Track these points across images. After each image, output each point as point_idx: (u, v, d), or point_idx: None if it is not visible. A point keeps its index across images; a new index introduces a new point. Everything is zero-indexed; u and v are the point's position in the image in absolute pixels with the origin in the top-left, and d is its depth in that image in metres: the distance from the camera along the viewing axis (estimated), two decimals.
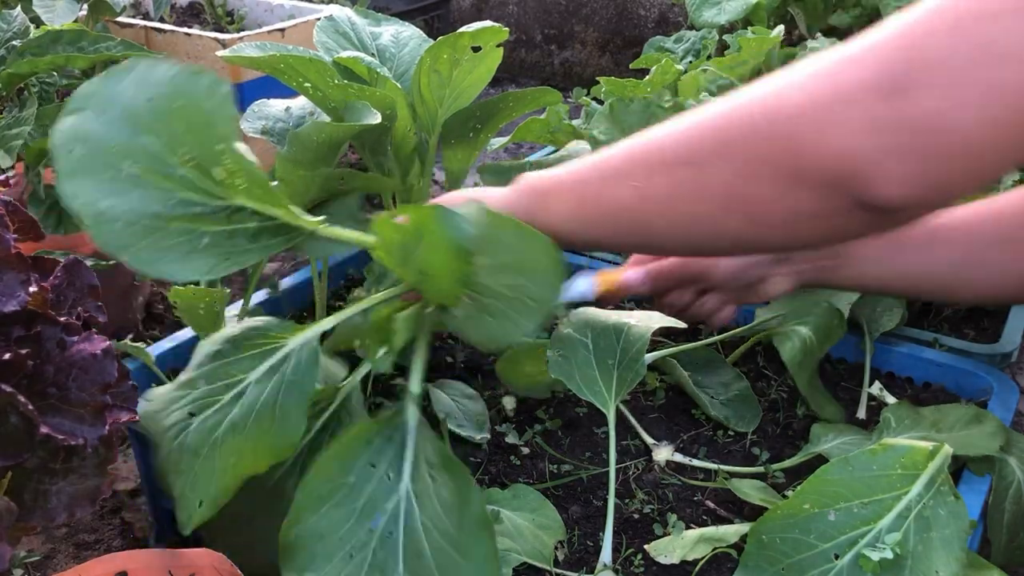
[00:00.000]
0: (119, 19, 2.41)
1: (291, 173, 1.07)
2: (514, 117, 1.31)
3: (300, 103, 1.31)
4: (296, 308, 1.33)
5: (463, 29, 1.20)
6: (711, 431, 1.12)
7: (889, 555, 0.74)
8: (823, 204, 0.59)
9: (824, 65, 0.58)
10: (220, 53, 1.19)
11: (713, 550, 0.90)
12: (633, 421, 1.11)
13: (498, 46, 1.23)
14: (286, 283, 1.33)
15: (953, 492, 0.77)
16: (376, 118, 1.14)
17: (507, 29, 1.21)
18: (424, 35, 1.38)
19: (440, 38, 1.21)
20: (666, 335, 1.24)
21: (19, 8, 1.51)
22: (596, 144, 1.31)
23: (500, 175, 1.29)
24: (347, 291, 1.40)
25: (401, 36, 1.36)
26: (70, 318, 0.70)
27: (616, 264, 1.44)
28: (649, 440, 1.09)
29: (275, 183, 1.07)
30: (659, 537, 0.94)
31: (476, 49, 1.22)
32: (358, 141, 1.25)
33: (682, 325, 1.14)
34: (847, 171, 0.55)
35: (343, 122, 1.14)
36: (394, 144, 1.29)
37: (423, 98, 1.26)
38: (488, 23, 1.21)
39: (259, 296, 1.30)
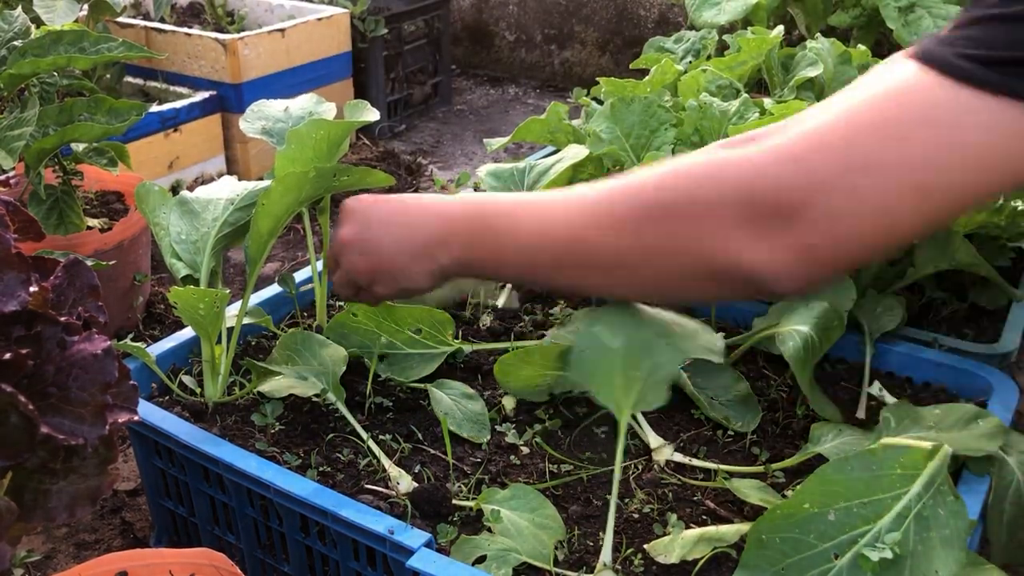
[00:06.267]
0: (119, 19, 2.42)
1: (285, 170, 1.07)
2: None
3: (299, 103, 1.31)
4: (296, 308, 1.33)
5: None
6: (711, 431, 1.12)
7: (889, 555, 0.74)
8: (727, 293, 0.79)
9: (733, 175, 0.70)
10: None
11: (713, 550, 0.90)
12: (633, 421, 1.11)
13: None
14: None
15: (953, 492, 0.77)
16: (374, 115, 1.14)
17: None
18: None
19: None
20: None
21: (20, 8, 1.51)
22: (598, 142, 1.30)
23: (500, 179, 1.29)
24: None
25: None
26: (70, 318, 0.70)
27: None
28: (649, 440, 1.09)
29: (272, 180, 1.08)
30: (659, 537, 0.94)
31: None
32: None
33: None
34: (749, 278, 0.70)
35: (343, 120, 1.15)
36: None
37: None
38: None
39: (258, 297, 1.30)
